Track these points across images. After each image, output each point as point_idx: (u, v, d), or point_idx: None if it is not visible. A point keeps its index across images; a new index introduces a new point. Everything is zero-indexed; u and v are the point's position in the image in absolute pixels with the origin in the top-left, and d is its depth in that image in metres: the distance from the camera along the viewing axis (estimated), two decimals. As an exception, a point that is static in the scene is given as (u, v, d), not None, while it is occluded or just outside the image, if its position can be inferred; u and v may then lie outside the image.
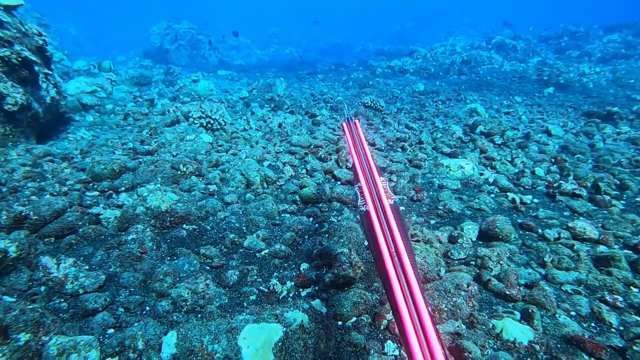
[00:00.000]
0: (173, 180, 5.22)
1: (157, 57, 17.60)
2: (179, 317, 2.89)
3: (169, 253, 3.74)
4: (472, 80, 15.67)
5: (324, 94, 11.92)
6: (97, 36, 23.30)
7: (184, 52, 19.00)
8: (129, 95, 9.28)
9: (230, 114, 8.58)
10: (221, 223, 4.39)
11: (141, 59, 16.41)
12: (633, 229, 4.34)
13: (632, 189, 5.33)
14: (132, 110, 7.83)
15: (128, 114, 7.61)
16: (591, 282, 3.36)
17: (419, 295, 1.54)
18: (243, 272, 3.52)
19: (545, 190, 5.46)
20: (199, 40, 19.64)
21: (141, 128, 7.10)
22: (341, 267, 3.26)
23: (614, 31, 20.70)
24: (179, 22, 19.87)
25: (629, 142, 7.61)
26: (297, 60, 20.38)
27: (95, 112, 7.73)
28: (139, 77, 11.51)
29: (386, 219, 1.96)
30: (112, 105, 8.14)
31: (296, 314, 2.66)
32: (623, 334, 2.77)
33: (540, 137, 7.75)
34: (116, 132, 6.92)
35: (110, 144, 6.23)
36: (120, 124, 7.29)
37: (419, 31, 32.50)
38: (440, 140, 7.29)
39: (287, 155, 6.34)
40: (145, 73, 12.27)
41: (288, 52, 25.65)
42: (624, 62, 16.96)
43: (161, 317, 2.87)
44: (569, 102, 11.94)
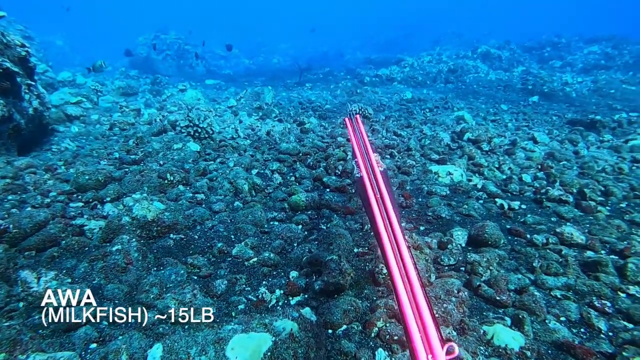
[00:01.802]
0: (160, 189, 5.15)
1: (144, 67, 17.49)
2: (165, 328, 2.82)
3: (155, 263, 3.67)
4: (458, 88, 15.86)
5: (312, 102, 11.94)
6: (83, 47, 23.12)
7: (171, 62, 18.94)
8: (115, 105, 9.19)
9: (218, 123, 8.52)
10: (209, 232, 4.33)
11: (128, 69, 16.27)
12: (618, 235, 4.38)
13: (617, 195, 5.39)
14: (118, 120, 7.74)
15: (114, 124, 7.51)
16: (580, 287, 3.37)
17: (398, 230, 2.00)
18: (231, 281, 3.47)
19: (532, 196, 5.50)
20: (186, 50, 19.59)
21: (127, 138, 7.01)
22: (331, 275, 3.22)
23: (594, 43, 21.22)
24: (166, 32, 19.82)
25: (612, 149, 7.73)
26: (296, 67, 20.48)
27: (81, 122, 7.62)
28: (126, 87, 11.42)
29: (376, 180, 2.49)
30: (98, 116, 8.04)
31: (285, 323, 2.61)
32: (612, 340, 2.77)
33: (527, 144, 7.84)
34: (102, 142, 6.82)
35: (96, 154, 6.13)
36: (106, 134, 7.19)
37: (406, 40, 32.83)
38: (428, 147, 7.32)
39: (276, 163, 6.30)
40: (132, 83, 12.18)
41: (276, 61, 25.72)
42: (604, 72, 17.36)
43: (147, 329, 2.80)
44: (553, 111, 12.13)
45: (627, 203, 5.27)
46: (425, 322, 1.50)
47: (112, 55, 22.16)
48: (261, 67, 23.74)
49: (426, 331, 1.46)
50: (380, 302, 3.02)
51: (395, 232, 2.01)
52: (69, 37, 23.07)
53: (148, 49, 17.94)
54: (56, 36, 21.72)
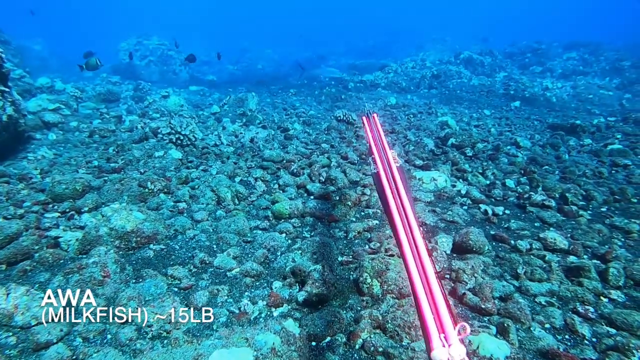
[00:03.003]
0: (140, 198, 5.03)
1: (126, 73, 17.20)
2: (143, 344, 2.72)
3: (134, 275, 3.56)
4: (442, 94, 15.99)
5: (297, 108, 11.89)
6: (63, 52, 22.60)
7: (154, 68, 18.67)
8: (95, 112, 8.99)
9: (201, 130, 8.41)
10: (190, 242, 4.24)
11: (109, 75, 15.98)
12: (600, 239, 4.42)
13: (597, 199, 5.46)
14: (98, 127, 7.56)
15: (94, 131, 7.34)
16: (563, 293, 3.37)
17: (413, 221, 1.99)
18: (213, 292, 3.39)
19: (516, 201, 5.53)
20: (170, 56, 19.36)
21: (108, 145, 6.86)
22: (314, 285, 3.16)
23: (572, 49, 21.69)
24: (148, 38, 19.55)
25: (592, 154, 7.87)
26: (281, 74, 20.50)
27: (59, 130, 7.42)
28: (107, 94, 11.19)
29: (392, 176, 2.49)
30: (77, 123, 7.84)
31: (267, 336, 2.55)
32: (596, 346, 2.76)
33: (510, 149, 7.92)
34: (81, 150, 6.65)
35: (74, 163, 5.96)
36: (85, 142, 7.02)
37: (390, 46, 33.04)
38: (412, 153, 7.33)
39: (259, 170, 6.23)
40: (114, 89, 11.95)
41: (260, 67, 25.62)
42: (582, 78, 17.74)
43: (124, 345, 2.70)
44: (534, 115, 12.32)
45: (608, 207, 5.34)
46: (438, 306, 1.48)
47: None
48: (245, 73, 23.59)
49: (438, 312, 1.45)
50: (364, 313, 2.97)
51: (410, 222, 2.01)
52: (48, 42, 22.58)
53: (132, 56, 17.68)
54: (34, 41, 21.22)
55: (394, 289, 3.19)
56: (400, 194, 2.26)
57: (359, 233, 4.46)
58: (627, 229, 4.60)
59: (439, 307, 1.46)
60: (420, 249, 1.78)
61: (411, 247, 1.82)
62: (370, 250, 4.06)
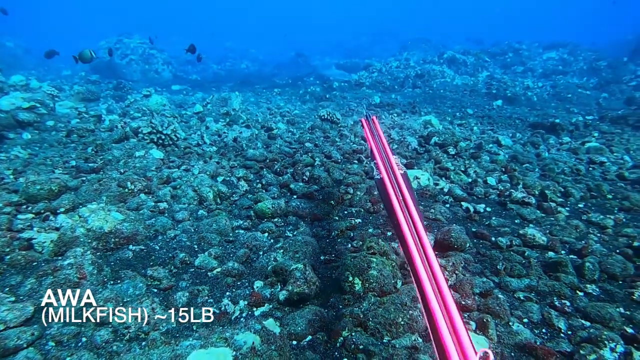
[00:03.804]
0: (120, 199, 4.94)
1: (107, 72, 16.90)
2: (119, 347, 2.66)
3: (112, 277, 3.49)
4: (426, 93, 16.13)
5: (281, 108, 11.86)
6: (39, 49, 22.09)
7: (135, 67, 18.39)
8: (73, 111, 8.78)
9: (183, 129, 8.31)
10: (171, 242, 4.18)
11: (88, 73, 15.69)
12: (577, 235, 4.51)
13: (575, 196, 5.56)
14: (76, 126, 7.39)
15: (72, 131, 7.17)
16: (541, 288, 3.42)
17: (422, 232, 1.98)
18: (193, 293, 3.34)
19: (497, 198, 5.59)
20: (151, 54, 19.10)
21: (86, 145, 6.71)
22: (296, 284, 3.14)
23: (552, 49, 22.15)
24: (129, 36, 19.26)
25: (570, 151, 8.03)
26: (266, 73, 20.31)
27: (34, 129, 7.23)
28: (86, 93, 10.97)
29: (397, 182, 2.49)
30: (54, 122, 7.66)
31: (247, 336, 2.52)
32: (571, 339, 2.81)
33: (491, 147, 8.03)
34: (57, 149, 6.49)
35: (50, 163, 5.81)
36: (62, 142, 6.85)
37: (374, 46, 33.27)
38: (396, 152, 7.36)
39: (242, 169, 6.18)
40: (93, 88, 11.73)
41: (244, 66, 25.48)
42: (562, 77, 18.12)
43: (99, 348, 2.64)
44: (516, 114, 12.52)
45: (585, 203, 5.45)
46: (457, 328, 1.44)
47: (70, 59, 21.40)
48: (230, 73, 23.45)
49: (459, 338, 1.39)
50: (345, 311, 2.96)
51: (420, 234, 2.00)
52: (24, 39, 22.03)
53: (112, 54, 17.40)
54: (5, 38, 20.67)
55: (375, 287, 3.19)
56: (408, 205, 2.27)
57: (341, 232, 4.45)
58: (603, 224, 4.71)
59: (459, 333, 1.40)
60: (435, 268, 1.72)
61: (424, 265, 1.76)
62: (353, 248, 4.06)
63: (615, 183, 6.21)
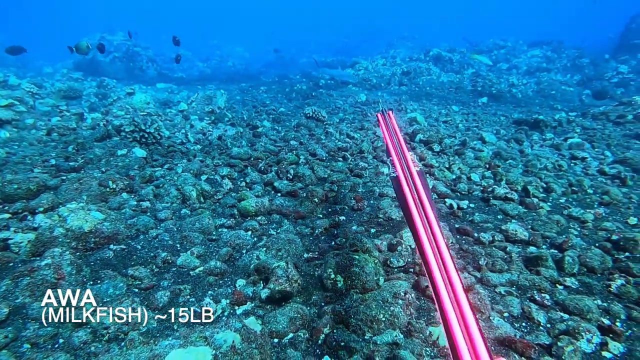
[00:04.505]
0: (101, 198, 4.87)
1: (90, 70, 16.61)
2: (98, 347, 2.63)
3: (91, 277, 3.44)
4: (412, 90, 16.21)
5: (267, 106, 11.80)
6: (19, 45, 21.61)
7: (119, 65, 18.10)
8: (55, 109, 8.62)
9: (167, 128, 8.22)
10: (153, 241, 4.13)
11: (70, 71, 15.40)
12: (558, 229, 4.57)
13: (557, 191, 5.64)
14: (57, 124, 7.26)
15: (52, 129, 7.04)
16: (522, 282, 3.47)
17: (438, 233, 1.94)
18: (174, 292, 3.31)
19: (480, 195, 5.64)
20: (136, 52, 18.83)
21: (67, 144, 6.60)
22: (277, 282, 3.13)
23: (536, 47, 22.40)
24: (113, 33, 18.96)
25: (553, 147, 8.13)
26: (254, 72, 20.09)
27: (13, 127, 7.07)
28: (68, 90, 10.77)
29: (413, 180, 2.44)
30: (34, 120, 7.51)
31: (227, 335, 2.49)
32: (550, 331, 2.86)
33: (476, 144, 8.09)
34: (37, 148, 6.36)
35: (29, 161, 5.70)
36: (42, 140, 6.72)
37: (361, 43, 33.25)
38: (381, 149, 7.38)
39: (226, 168, 6.13)
40: (75, 86, 11.52)
41: (231, 64, 25.28)
42: (546, 75, 18.34)
43: (77, 349, 2.59)
44: (501, 111, 12.64)
45: (566, 198, 5.54)
46: (472, 335, 1.40)
47: (53, 56, 20.98)
48: (216, 71, 23.24)
49: (474, 346, 1.37)
50: (327, 308, 2.96)
51: (435, 234, 1.95)
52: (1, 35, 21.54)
53: (94, 51, 17.07)
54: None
55: (357, 284, 3.20)
56: (424, 203, 2.21)
57: (325, 229, 4.45)
58: (583, 218, 4.79)
59: (475, 340, 1.38)
60: (450, 270, 1.66)
61: (439, 267, 1.71)
62: (336, 246, 4.06)
63: (596, 178, 6.31)
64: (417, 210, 2.12)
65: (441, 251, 1.78)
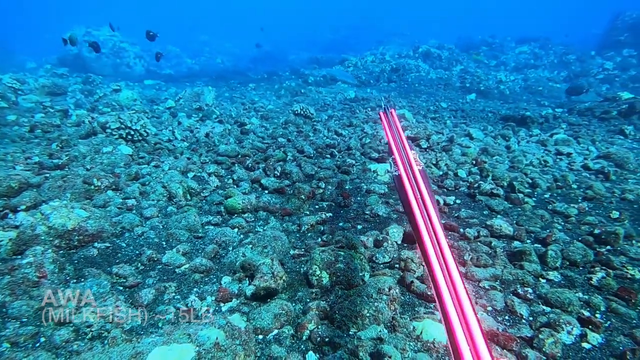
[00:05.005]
0: (85, 195, 4.81)
1: (75, 66, 16.37)
2: (80, 345, 2.60)
3: (75, 275, 3.40)
4: (401, 87, 16.27)
5: (255, 103, 11.75)
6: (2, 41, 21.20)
7: (106, 61, 17.86)
8: (38, 105, 8.50)
9: (155, 125, 8.15)
10: (138, 239, 4.10)
11: (55, 66, 15.17)
12: (542, 224, 4.63)
13: (541, 186, 5.70)
14: (40, 121, 7.16)
15: (35, 126, 6.93)
16: (506, 276, 3.50)
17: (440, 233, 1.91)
18: (160, 290, 3.29)
19: (466, 191, 5.68)
20: (123, 48, 18.60)
21: (51, 141, 6.50)
22: (262, 278, 3.13)
23: (524, 43, 22.64)
24: (98, 28, 18.67)
25: (539, 143, 8.22)
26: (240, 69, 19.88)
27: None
28: (52, 86, 10.61)
29: (415, 179, 2.43)
30: (16, 116, 7.39)
31: (211, 332, 2.48)
32: (532, 324, 2.89)
33: (463, 140, 8.13)
34: (19, 145, 6.26)
35: (10, 159, 5.60)
36: (25, 137, 6.62)
37: (350, 40, 33.25)
38: (368, 146, 7.40)
39: (213, 165, 6.10)
40: (60, 82, 11.35)
41: (220, 61, 25.11)
42: (533, 71, 18.56)
43: (59, 347, 2.56)
44: (489, 107, 12.75)
45: (551, 193, 5.60)
46: (474, 337, 1.37)
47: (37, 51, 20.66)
48: (204, 67, 23.06)
49: (476, 348, 1.34)
50: (312, 305, 2.97)
51: (438, 234, 1.92)
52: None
53: (79, 46, 16.81)
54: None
55: (342, 280, 3.20)
56: (426, 203, 2.18)
57: (312, 226, 4.45)
58: (567, 213, 4.85)
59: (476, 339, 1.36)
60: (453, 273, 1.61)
61: (441, 267, 1.68)
62: (323, 242, 4.07)
63: (581, 173, 6.40)
64: (419, 208, 2.11)
65: (443, 250, 1.76)
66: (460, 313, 1.45)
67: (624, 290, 3.25)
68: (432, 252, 1.78)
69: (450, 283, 1.59)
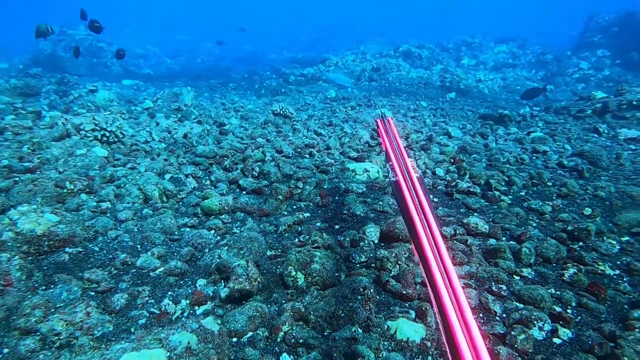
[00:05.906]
0: (57, 199, 4.69)
1: (49, 65, 15.97)
2: (47, 355, 2.52)
3: (44, 282, 3.31)
4: (382, 86, 16.34)
5: (235, 103, 11.65)
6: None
7: (82, 60, 17.45)
8: (9, 107, 8.25)
9: (132, 126, 7.99)
10: (112, 243, 4.01)
11: (28, 67, 14.76)
12: (517, 222, 4.69)
13: (517, 184, 5.78)
14: (11, 123, 6.93)
15: (5, 128, 6.72)
16: (481, 274, 3.53)
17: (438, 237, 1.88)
18: (133, 294, 3.22)
19: (444, 189, 5.72)
20: (100, 47, 18.24)
21: (22, 143, 6.31)
22: (237, 280, 3.09)
23: (502, 43, 22.99)
24: (74, 27, 18.25)
25: (517, 141, 8.35)
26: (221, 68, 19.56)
27: (-38, 126, 6.72)
28: (24, 87, 10.33)
29: (413, 186, 2.41)
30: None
31: (183, 336, 2.45)
32: (505, 321, 2.93)
33: (442, 139, 8.21)
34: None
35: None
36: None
37: (331, 39, 33.28)
38: (347, 145, 7.40)
39: (191, 166, 6.01)
40: (33, 82, 11.05)
41: (200, 61, 24.84)
42: (511, 70, 18.88)
43: (24, 358, 2.48)
44: (468, 106, 12.90)
45: (526, 191, 5.69)
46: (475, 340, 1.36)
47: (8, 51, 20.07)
48: (184, 67, 22.79)
49: (477, 351, 1.33)
50: (287, 306, 2.94)
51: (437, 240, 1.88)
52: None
53: (53, 45, 16.44)
54: None
55: (318, 281, 3.19)
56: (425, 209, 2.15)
57: (289, 226, 4.42)
58: (541, 210, 4.92)
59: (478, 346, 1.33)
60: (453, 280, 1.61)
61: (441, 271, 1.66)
62: (300, 243, 4.04)
63: (556, 171, 6.51)
64: (418, 214, 2.09)
65: (442, 256, 1.75)
66: (461, 317, 1.45)
67: (594, 285, 3.32)
68: (431, 255, 1.77)
69: (451, 289, 1.58)
